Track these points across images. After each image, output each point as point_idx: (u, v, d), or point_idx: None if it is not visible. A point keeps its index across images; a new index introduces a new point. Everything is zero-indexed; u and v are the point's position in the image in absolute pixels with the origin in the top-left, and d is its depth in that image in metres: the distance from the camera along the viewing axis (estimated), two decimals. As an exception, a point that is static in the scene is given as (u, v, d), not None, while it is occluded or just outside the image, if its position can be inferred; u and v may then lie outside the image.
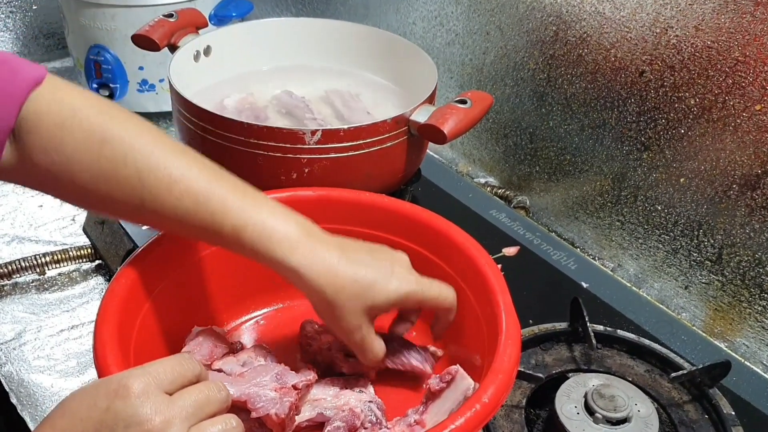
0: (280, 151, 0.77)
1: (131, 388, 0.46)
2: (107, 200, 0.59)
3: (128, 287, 0.63)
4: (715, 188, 0.82)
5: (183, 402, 0.47)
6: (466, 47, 1.08)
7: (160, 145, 0.59)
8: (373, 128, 0.78)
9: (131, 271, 0.64)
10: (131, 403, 0.45)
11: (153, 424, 0.45)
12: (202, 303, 0.72)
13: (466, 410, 0.54)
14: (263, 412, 0.59)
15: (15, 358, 0.81)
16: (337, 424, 0.62)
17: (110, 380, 0.47)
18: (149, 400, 0.46)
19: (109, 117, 0.59)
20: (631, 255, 0.94)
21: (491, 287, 0.65)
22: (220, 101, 0.93)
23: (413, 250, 0.73)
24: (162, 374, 0.48)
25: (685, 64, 0.81)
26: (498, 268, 0.68)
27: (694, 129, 0.83)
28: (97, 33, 1.14)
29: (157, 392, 0.47)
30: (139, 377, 0.47)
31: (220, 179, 0.60)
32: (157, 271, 0.66)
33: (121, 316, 0.61)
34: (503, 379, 0.57)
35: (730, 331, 0.85)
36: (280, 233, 0.59)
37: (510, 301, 0.64)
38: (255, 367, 0.64)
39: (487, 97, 0.83)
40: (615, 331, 0.76)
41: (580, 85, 0.94)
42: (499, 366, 0.58)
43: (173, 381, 0.48)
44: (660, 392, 0.71)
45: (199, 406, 0.48)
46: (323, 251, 0.60)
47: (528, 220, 0.95)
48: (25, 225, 1.01)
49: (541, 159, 1.03)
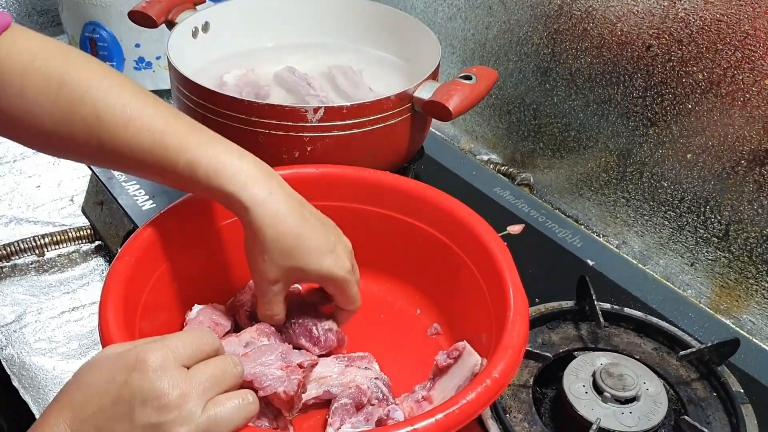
0: (282, 129, 0.75)
1: (149, 362, 0.46)
2: (69, 143, 0.60)
3: (131, 266, 0.62)
4: (722, 164, 0.81)
5: (200, 376, 0.47)
6: (468, 21, 1.07)
7: (118, 85, 0.60)
8: (377, 105, 0.77)
9: (133, 249, 0.64)
10: (148, 377, 0.45)
11: (170, 398, 0.45)
12: (204, 279, 0.71)
13: (477, 385, 0.53)
14: (271, 390, 0.58)
15: (16, 341, 0.80)
16: (344, 401, 0.62)
17: (128, 353, 0.47)
18: (166, 374, 0.46)
19: (67, 60, 0.60)
20: (636, 232, 0.93)
21: (498, 264, 0.65)
22: (220, 78, 0.92)
23: (418, 228, 0.73)
24: (180, 348, 0.48)
25: (693, 38, 0.80)
26: (505, 245, 0.67)
27: (702, 104, 0.81)
28: (92, 10, 1.12)
29: (175, 366, 0.47)
30: (157, 351, 0.47)
31: (177, 118, 0.61)
32: (159, 248, 0.66)
33: (126, 293, 0.60)
34: (512, 355, 0.56)
35: (737, 307, 0.84)
36: (234, 167, 0.59)
37: (517, 278, 0.63)
38: (259, 347, 0.64)
39: (493, 73, 0.82)
40: (622, 309, 0.75)
41: (585, 60, 0.92)
42: (508, 342, 0.57)
43: (191, 355, 0.48)
44: (668, 370, 0.70)
45: (216, 381, 0.48)
46: (279, 196, 0.60)
47: (532, 197, 0.94)
48: (23, 206, 0.99)
49: (545, 135, 1.02)
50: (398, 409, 0.60)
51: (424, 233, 0.73)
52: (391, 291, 0.76)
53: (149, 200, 0.86)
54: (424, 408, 0.61)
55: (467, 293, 0.69)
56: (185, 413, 0.46)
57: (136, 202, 0.86)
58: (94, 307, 0.85)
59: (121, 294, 0.60)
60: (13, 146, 1.10)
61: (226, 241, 0.72)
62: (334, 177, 0.74)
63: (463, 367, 0.62)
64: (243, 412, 0.48)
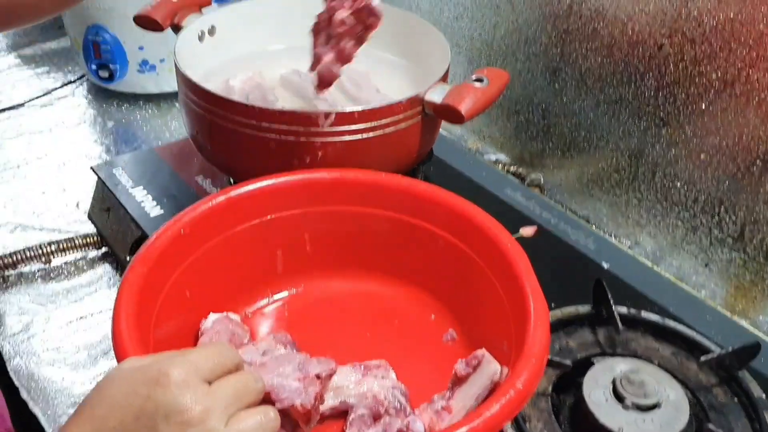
0: (293, 134, 0.74)
1: (171, 376, 0.45)
2: None
3: (143, 275, 0.61)
4: (737, 164, 0.80)
5: (222, 392, 0.47)
6: (475, 21, 1.06)
7: None
8: (388, 109, 0.76)
9: (146, 258, 0.63)
10: (171, 391, 0.45)
11: (193, 413, 0.45)
12: (217, 289, 0.70)
13: (500, 397, 0.52)
14: (288, 403, 0.58)
15: (24, 351, 0.79)
16: (361, 412, 0.61)
17: (150, 366, 0.47)
18: (189, 389, 0.46)
19: None
20: (649, 232, 0.92)
21: (516, 269, 0.64)
22: (226, 81, 0.91)
23: (430, 231, 0.72)
24: (202, 362, 0.48)
25: (706, 38, 0.79)
26: (521, 249, 0.66)
27: (715, 104, 0.80)
28: (95, 12, 1.11)
29: (197, 381, 0.46)
30: (180, 365, 0.46)
31: None
32: (171, 257, 0.65)
33: (139, 304, 0.59)
34: (535, 365, 0.55)
35: (753, 309, 0.83)
36: None
37: (536, 283, 0.62)
38: (276, 357, 0.63)
39: (504, 75, 0.80)
40: (639, 312, 0.74)
41: (596, 60, 0.91)
42: (530, 351, 0.56)
43: (213, 370, 0.48)
44: (687, 375, 0.69)
45: (238, 396, 0.48)
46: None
47: (544, 198, 0.93)
48: (28, 212, 0.98)
49: (554, 135, 1.01)
50: (418, 420, 0.59)
51: (436, 236, 0.72)
52: (404, 296, 0.75)
53: (157, 206, 0.85)
54: (444, 419, 0.60)
55: (483, 298, 0.68)
56: (208, 429, 0.45)
57: (143, 208, 0.85)
58: (102, 315, 0.84)
59: (134, 304, 0.59)
60: (17, 152, 1.09)
61: (239, 248, 0.71)
62: (345, 182, 0.73)
63: (483, 376, 0.61)
64: (265, 428, 0.48)
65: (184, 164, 0.91)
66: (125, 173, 0.90)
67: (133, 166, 0.91)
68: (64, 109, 1.19)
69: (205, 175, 0.88)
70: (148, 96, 1.19)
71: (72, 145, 1.11)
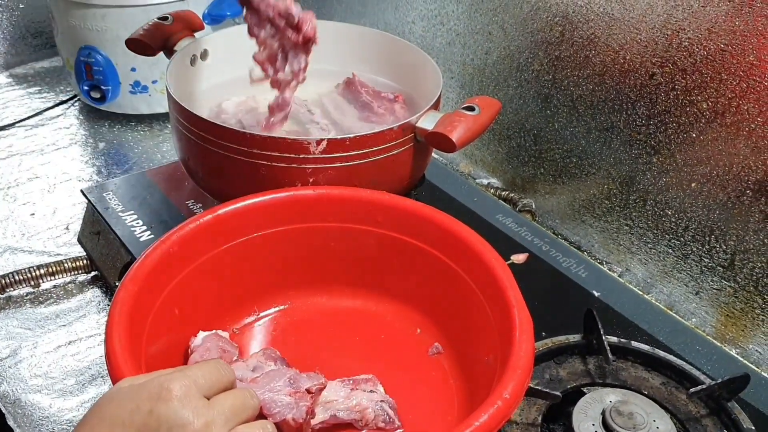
0: (285, 161, 0.74)
1: (173, 391, 0.47)
2: None
3: (135, 294, 0.62)
4: (727, 193, 0.81)
5: (221, 406, 0.49)
6: (467, 47, 1.06)
7: None
8: (380, 136, 0.76)
9: (136, 277, 0.63)
10: (173, 405, 0.47)
11: (195, 427, 0.47)
12: (206, 306, 0.71)
13: (488, 407, 0.53)
14: (280, 417, 0.59)
15: (11, 377, 0.78)
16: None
17: (150, 382, 0.48)
18: (190, 403, 0.47)
19: None
20: (640, 260, 0.92)
21: (500, 282, 0.65)
22: (219, 104, 0.91)
23: (416, 247, 0.73)
24: (201, 378, 0.49)
25: (697, 67, 0.79)
26: (505, 263, 0.67)
27: (706, 133, 0.81)
28: (88, 34, 1.11)
29: (198, 395, 0.48)
30: (180, 380, 0.48)
31: None
32: (160, 275, 0.66)
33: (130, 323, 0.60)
34: (521, 375, 0.56)
35: (743, 337, 0.83)
36: None
37: (520, 297, 0.63)
38: (267, 373, 0.64)
39: (495, 104, 0.81)
40: (629, 342, 0.74)
41: (587, 87, 0.91)
42: (516, 362, 0.57)
43: (211, 386, 0.50)
44: (677, 406, 0.69)
45: (236, 411, 0.50)
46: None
47: (535, 225, 0.93)
48: (17, 234, 0.98)
49: (546, 161, 1.01)
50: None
51: (421, 252, 0.73)
52: (390, 311, 0.76)
53: (146, 231, 0.85)
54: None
55: (468, 312, 0.69)
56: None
57: (133, 232, 0.84)
58: (91, 340, 0.84)
59: (126, 323, 0.59)
60: (6, 172, 1.09)
61: (227, 265, 0.71)
62: (331, 198, 0.74)
63: None
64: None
65: (174, 188, 0.91)
66: (115, 197, 0.89)
67: (124, 189, 0.91)
68: (56, 130, 1.19)
69: (196, 200, 0.88)
70: (139, 117, 1.19)
71: (63, 166, 1.11)
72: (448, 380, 0.69)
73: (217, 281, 0.71)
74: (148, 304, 0.63)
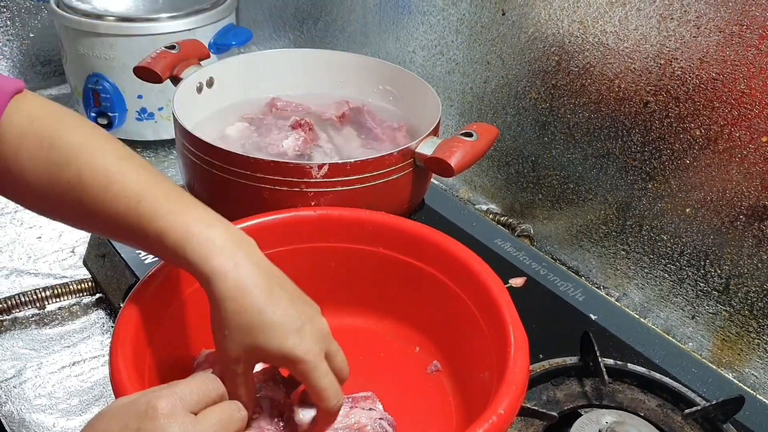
0: (287, 185, 0.76)
1: (159, 409, 0.47)
2: (56, 204, 0.60)
3: (139, 312, 0.63)
4: (721, 219, 0.82)
5: (208, 421, 0.49)
6: (466, 76, 1.08)
7: (104, 149, 0.60)
8: (380, 161, 0.78)
9: (139, 299, 0.64)
10: (160, 423, 0.47)
11: None
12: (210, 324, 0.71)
13: (483, 422, 0.54)
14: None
15: (16, 397, 0.79)
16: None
17: (138, 401, 0.48)
18: (177, 420, 0.47)
19: (60, 124, 0.60)
20: (637, 284, 0.94)
21: (496, 300, 0.66)
22: (223, 130, 0.93)
23: (413, 266, 0.74)
24: (188, 394, 0.49)
25: (690, 96, 0.81)
26: (502, 283, 0.68)
27: (699, 159, 0.83)
28: (96, 62, 1.14)
29: (184, 412, 0.48)
30: (166, 397, 0.48)
31: (157, 183, 0.60)
32: (165, 296, 0.67)
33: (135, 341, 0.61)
34: (516, 391, 0.57)
35: (739, 361, 0.84)
36: (201, 237, 0.56)
37: (516, 315, 0.64)
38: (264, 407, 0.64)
39: (493, 130, 0.83)
40: (625, 365, 0.75)
41: (584, 115, 0.93)
42: (511, 378, 0.58)
43: (198, 401, 0.50)
44: (672, 428, 0.70)
45: (223, 425, 0.50)
46: (245, 268, 0.56)
47: (533, 249, 0.95)
48: (24, 257, 0.99)
49: (543, 187, 1.03)
50: None
51: (419, 271, 0.74)
52: (388, 329, 0.77)
53: (151, 253, 0.86)
54: None
55: (465, 330, 0.70)
56: None
57: (138, 255, 0.86)
58: (95, 361, 0.85)
59: (131, 342, 0.60)
60: (14, 197, 1.10)
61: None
62: (331, 219, 0.76)
63: None
64: None
65: (179, 212, 0.92)
66: (121, 220, 0.91)
67: (130, 213, 0.92)
68: (63, 155, 1.20)
69: (200, 223, 0.89)
70: (145, 143, 1.21)
71: (69, 190, 1.12)
72: (447, 397, 0.71)
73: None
74: (152, 323, 0.64)
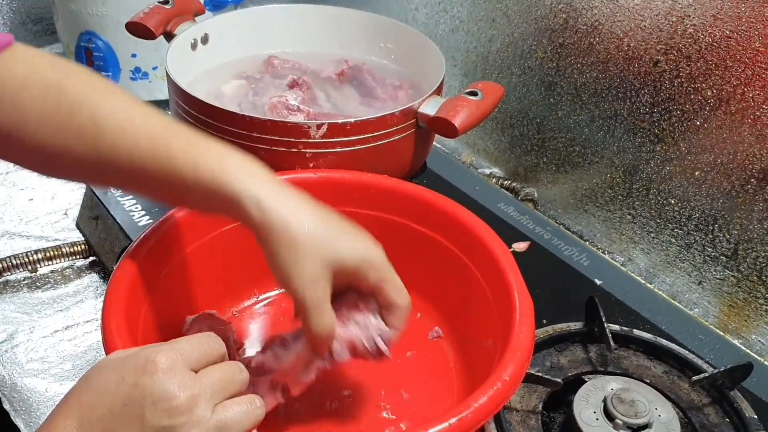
0: (284, 145, 0.74)
1: (158, 363, 0.46)
2: (64, 155, 0.57)
3: (131, 276, 0.61)
4: (731, 182, 0.80)
5: (208, 380, 0.48)
6: (470, 34, 1.05)
7: (116, 94, 0.58)
8: (381, 121, 0.75)
9: (133, 259, 0.63)
10: (158, 378, 0.45)
11: (180, 400, 0.45)
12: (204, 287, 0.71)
13: (488, 388, 0.53)
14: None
15: (7, 361, 0.78)
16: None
17: (137, 354, 0.47)
18: (176, 376, 0.46)
19: (65, 72, 0.58)
20: (642, 249, 0.92)
21: (501, 266, 0.64)
22: (218, 88, 0.90)
23: (416, 231, 0.73)
24: (189, 351, 0.48)
25: (702, 54, 0.79)
26: (506, 247, 0.67)
27: (710, 121, 0.80)
28: (88, 19, 1.10)
29: (184, 368, 0.47)
30: (166, 352, 0.47)
31: (178, 123, 0.59)
32: (159, 257, 0.65)
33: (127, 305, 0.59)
34: (521, 357, 0.56)
35: (746, 327, 0.83)
36: (242, 164, 0.56)
37: (521, 280, 0.63)
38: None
39: (499, 89, 0.80)
40: (631, 330, 0.73)
41: (591, 75, 0.91)
42: (516, 344, 0.57)
43: (199, 359, 0.48)
44: (679, 395, 0.68)
45: (224, 385, 0.49)
46: (289, 191, 0.56)
47: (537, 213, 0.93)
48: (15, 219, 0.97)
49: (548, 150, 1.00)
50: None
51: (421, 235, 0.73)
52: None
53: (145, 215, 0.84)
54: None
55: (469, 296, 0.69)
56: (195, 417, 0.46)
57: (132, 217, 0.84)
58: (88, 325, 0.83)
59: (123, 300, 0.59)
60: (5, 158, 1.08)
61: (226, 247, 0.71)
62: (330, 182, 0.74)
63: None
64: (251, 416, 0.49)
65: (174, 173, 0.90)
66: (115, 181, 0.88)
67: (123, 174, 0.90)
68: (56, 116, 1.18)
69: (196, 185, 0.87)
70: (140, 103, 1.18)
71: (62, 151, 1.10)
72: (448, 364, 0.69)
73: (215, 264, 0.70)
74: (145, 286, 0.63)
